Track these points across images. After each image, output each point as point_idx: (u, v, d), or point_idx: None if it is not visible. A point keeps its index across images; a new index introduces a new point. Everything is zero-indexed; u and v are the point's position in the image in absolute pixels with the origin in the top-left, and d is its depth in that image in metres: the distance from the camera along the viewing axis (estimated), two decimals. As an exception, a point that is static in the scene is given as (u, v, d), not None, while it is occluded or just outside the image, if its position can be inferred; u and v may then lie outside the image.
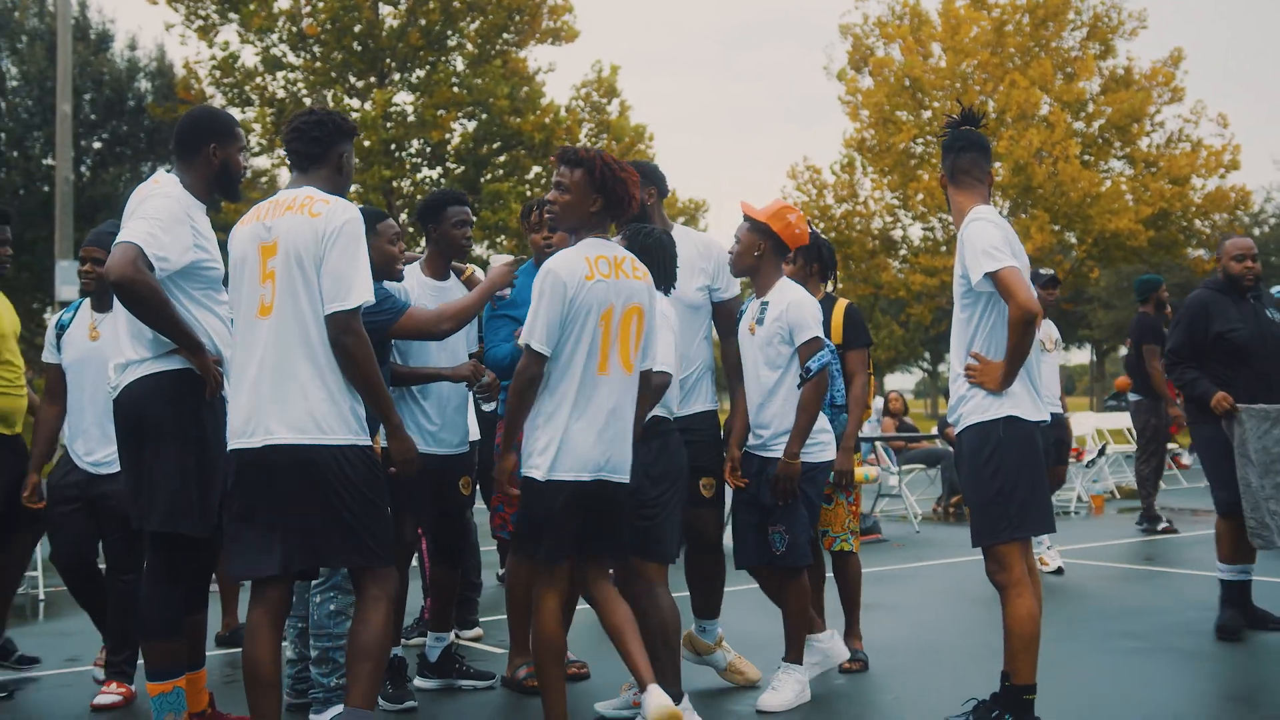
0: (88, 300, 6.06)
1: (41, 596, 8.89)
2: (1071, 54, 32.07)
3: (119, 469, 4.96)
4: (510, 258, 5.51)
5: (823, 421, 5.58)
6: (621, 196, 4.73)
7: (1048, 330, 9.07)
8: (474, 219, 6.10)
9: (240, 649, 6.86)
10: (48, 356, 6.19)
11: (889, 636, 6.68)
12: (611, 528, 4.74)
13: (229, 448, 4.34)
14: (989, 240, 4.71)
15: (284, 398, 4.23)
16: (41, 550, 9.03)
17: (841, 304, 6.26)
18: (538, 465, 4.61)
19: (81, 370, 5.98)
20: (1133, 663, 6.29)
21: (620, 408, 4.68)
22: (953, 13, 31.67)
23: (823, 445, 5.58)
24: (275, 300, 4.28)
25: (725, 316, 5.87)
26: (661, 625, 5.00)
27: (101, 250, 5.66)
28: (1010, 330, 4.71)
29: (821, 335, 5.46)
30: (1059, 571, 8.97)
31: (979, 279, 4.71)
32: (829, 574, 6.29)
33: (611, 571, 4.93)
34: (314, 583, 5.31)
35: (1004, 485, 4.73)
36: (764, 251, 5.57)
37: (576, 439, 4.59)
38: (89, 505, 5.93)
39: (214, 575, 6.12)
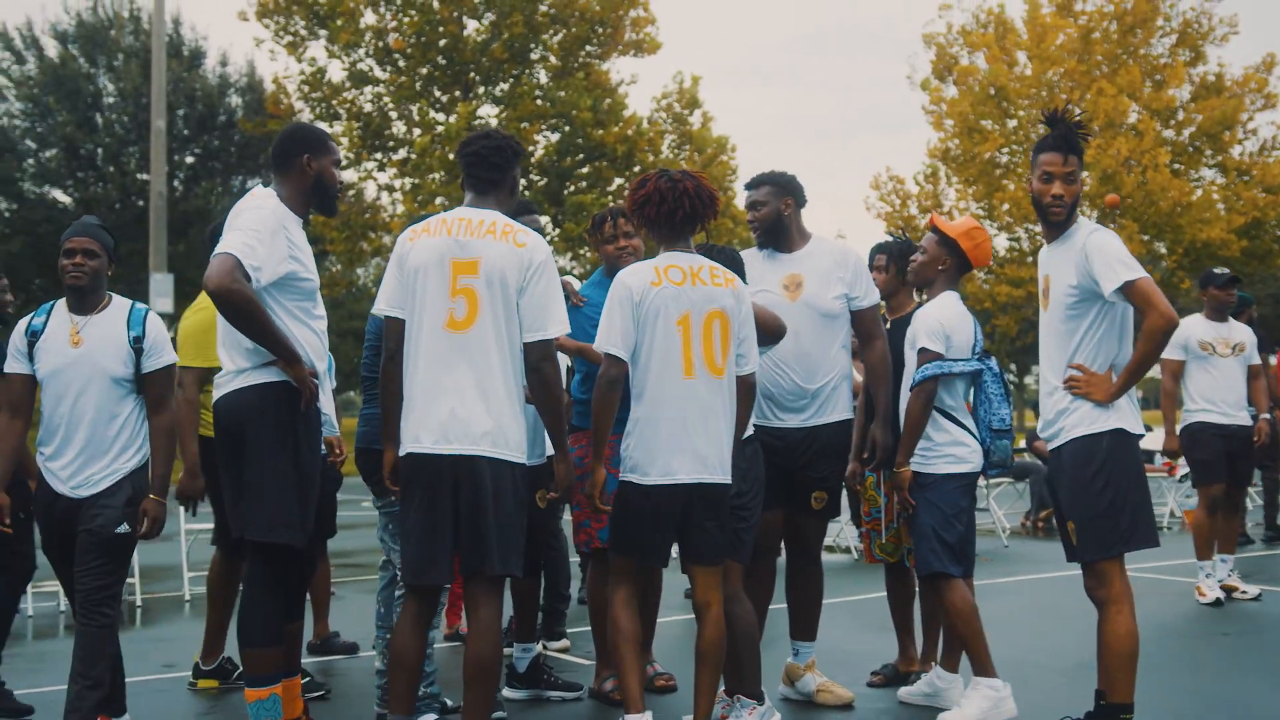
0: (62, 302, 5.33)
1: (139, 603, 9.07)
2: (1160, 61, 31.57)
3: (107, 485, 5.00)
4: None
5: (955, 434, 5.51)
6: (684, 209, 4.85)
7: (1226, 332, 8.73)
8: (540, 227, 6.17)
9: (332, 657, 7.03)
10: (11, 366, 5.26)
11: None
12: (712, 529, 4.80)
13: (414, 451, 4.52)
14: (1123, 249, 4.71)
15: (480, 412, 4.48)
16: (139, 556, 9.25)
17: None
18: (636, 470, 4.73)
19: (63, 380, 5.11)
20: (1229, 682, 6.19)
21: (712, 409, 4.74)
22: (1038, 20, 31.32)
23: (954, 458, 5.49)
24: (476, 318, 4.52)
25: (864, 324, 5.84)
26: (747, 627, 5.09)
27: (91, 241, 5.29)
28: (1146, 340, 4.69)
29: (932, 347, 5.43)
30: (1217, 603, 8.39)
31: (1114, 288, 4.65)
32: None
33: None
34: (380, 587, 5.41)
35: (1114, 499, 4.69)
36: (948, 267, 5.62)
37: (670, 442, 4.68)
38: (65, 540, 5.14)
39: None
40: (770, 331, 5.27)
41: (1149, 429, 14.72)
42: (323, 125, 28.87)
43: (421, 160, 26.71)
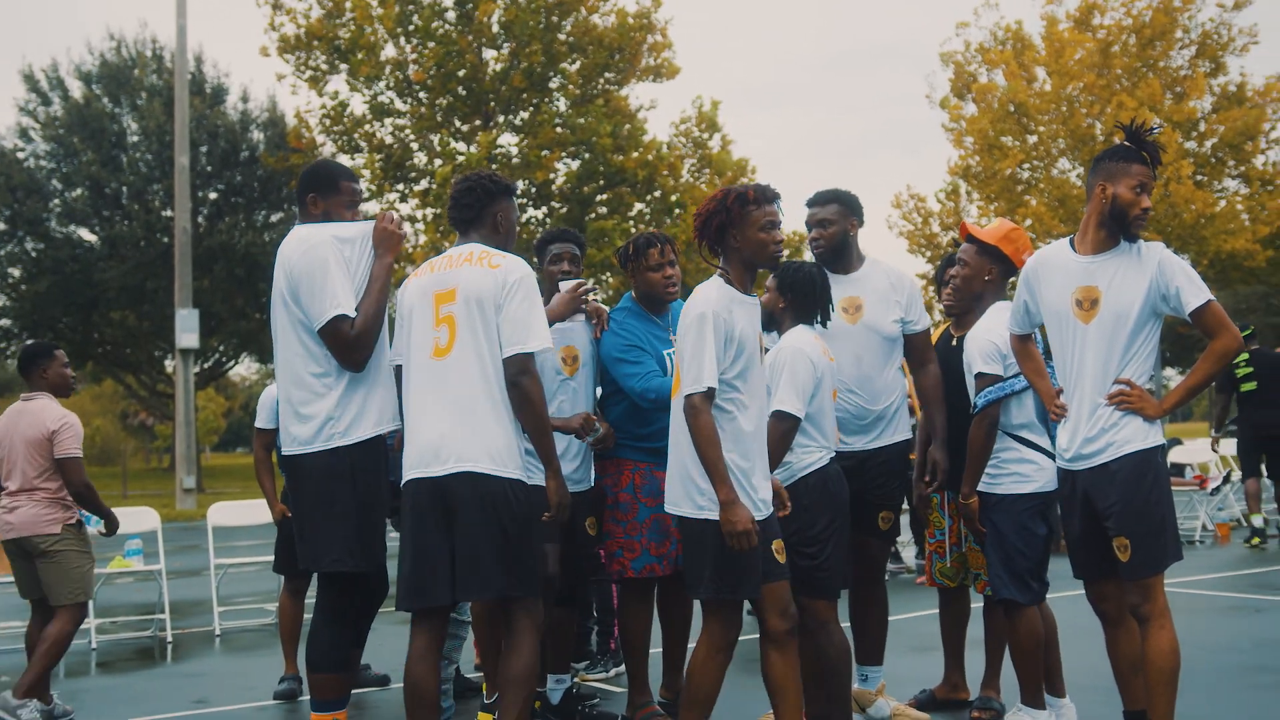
0: None
1: (169, 639, 9.09)
2: (1181, 73, 31.48)
3: None
4: (573, 282, 5.55)
5: (1022, 452, 5.40)
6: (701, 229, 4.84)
7: None
8: (577, 254, 6.11)
9: (364, 689, 7.02)
10: None
11: (1005, 675, 6.55)
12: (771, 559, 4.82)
13: (407, 478, 4.63)
14: (1194, 270, 4.70)
15: (466, 431, 4.55)
16: (170, 591, 9.27)
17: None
18: (753, 510, 4.61)
19: None
20: (1269, 698, 6.12)
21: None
22: (1056, 36, 31.28)
23: (1020, 477, 5.38)
24: (455, 342, 4.62)
25: (917, 348, 5.82)
26: (837, 659, 5.12)
27: None
28: (1215, 360, 4.67)
29: (989, 370, 5.33)
30: None
31: (1196, 306, 4.62)
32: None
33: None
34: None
35: (1165, 515, 4.67)
36: (994, 277, 5.59)
37: (750, 475, 4.66)
38: None
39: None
40: None
41: (1179, 442, 14.74)
42: (344, 158, 29.07)
43: (443, 190, 26.80)
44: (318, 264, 4.74)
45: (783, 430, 5.03)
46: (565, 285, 5.56)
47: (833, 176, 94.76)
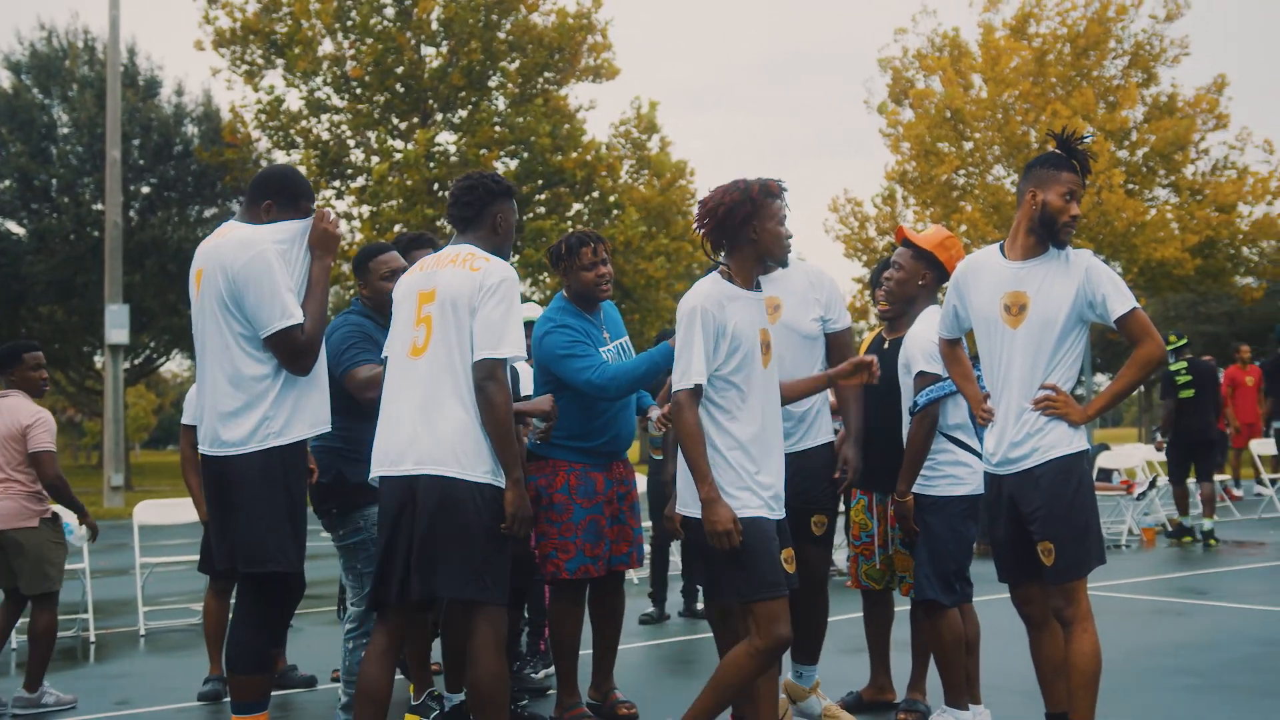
0: None
1: (93, 639, 8.95)
2: (1114, 82, 31.93)
3: None
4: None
5: (957, 454, 5.44)
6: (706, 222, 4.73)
7: None
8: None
9: (290, 690, 6.94)
10: None
11: (932, 677, 6.60)
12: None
13: (376, 474, 4.65)
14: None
15: (433, 432, 4.52)
16: (94, 591, 9.12)
17: None
18: (753, 504, 4.56)
19: None
20: (1189, 700, 6.20)
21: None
22: (993, 43, 31.61)
23: (955, 479, 5.43)
24: (430, 342, 4.60)
25: (838, 347, 5.69)
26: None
27: None
28: (1140, 367, 4.71)
29: (931, 369, 5.35)
30: None
31: (1122, 313, 4.66)
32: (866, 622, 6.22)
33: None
34: (346, 629, 5.32)
35: (1090, 518, 4.71)
36: (928, 282, 5.60)
37: (756, 474, 4.62)
38: None
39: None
40: None
41: (1106, 447, 14.98)
42: (280, 154, 28.82)
43: (379, 188, 26.66)
44: (264, 271, 4.67)
45: None
46: None
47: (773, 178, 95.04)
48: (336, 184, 28.93)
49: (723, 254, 4.74)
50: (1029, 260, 4.82)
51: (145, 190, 33.74)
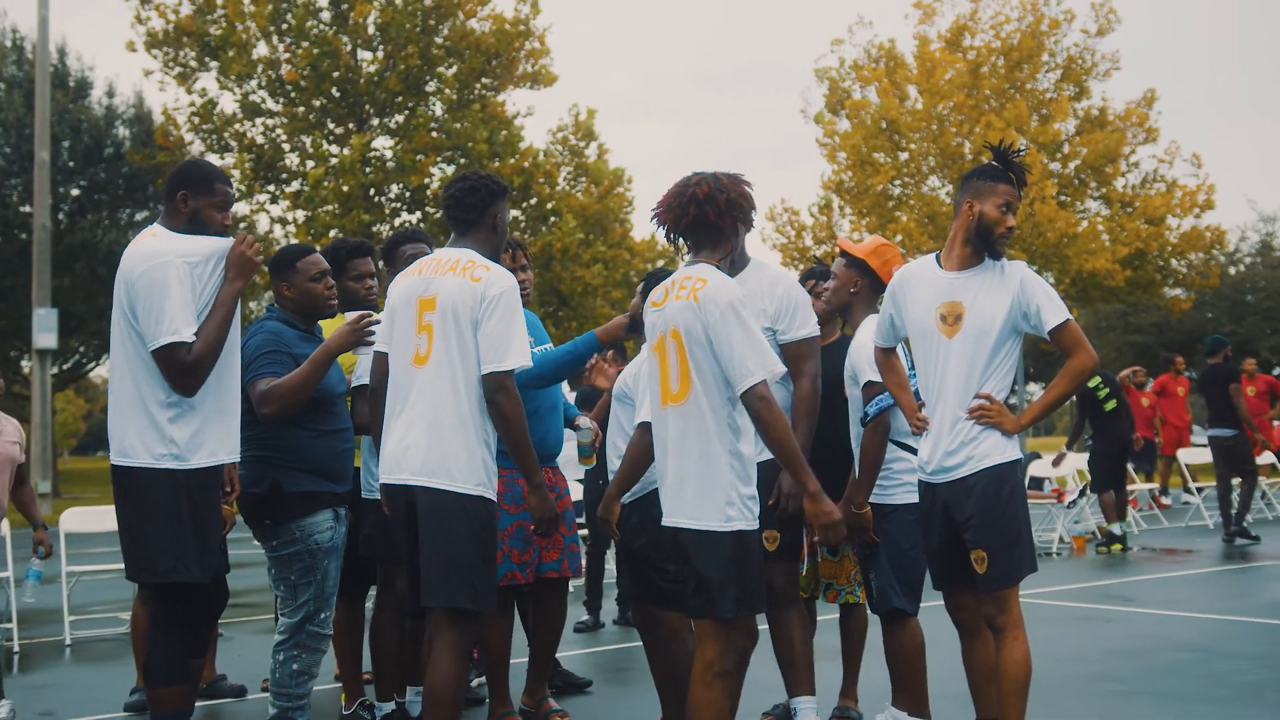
0: None
1: (16, 649, 8.78)
2: (1046, 95, 32.31)
3: None
4: (356, 314, 5.29)
5: (912, 461, 5.31)
6: (688, 216, 4.54)
7: None
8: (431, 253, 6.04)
9: (219, 700, 6.85)
10: None
11: (875, 686, 6.63)
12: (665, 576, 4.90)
13: (381, 481, 4.77)
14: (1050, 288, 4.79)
15: (428, 444, 4.60)
16: (17, 600, 8.95)
17: None
18: (748, 516, 4.44)
19: None
20: (1117, 706, 6.27)
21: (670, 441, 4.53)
22: (928, 55, 31.89)
23: (912, 486, 5.28)
24: (432, 352, 4.64)
25: (789, 359, 5.25)
26: (689, 668, 4.94)
27: None
28: (1070, 379, 4.75)
29: (877, 378, 5.24)
30: None
31: (1055, 324, 4.71)
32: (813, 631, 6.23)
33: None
34: (276, 640, 5.24)
35: (1022, 527, 4.75)
36: (860, 289, 5.58)
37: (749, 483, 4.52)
38: None
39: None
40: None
41: (1038, 456, 15.19)
42: (213, 157, 28.50)
43: (315, 193, 26.43)
44: (159, 284, 4.61)
45: (647, 442, 5.02)
46: (350, 316, 5.33)
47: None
48: (271, 188, 28.65)
49: (703, 250, 4.54)
50: (965, 271, 4.86)
51: (75, 193, 33.21)
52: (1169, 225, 31.82)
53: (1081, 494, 14.02)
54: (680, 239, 4.62)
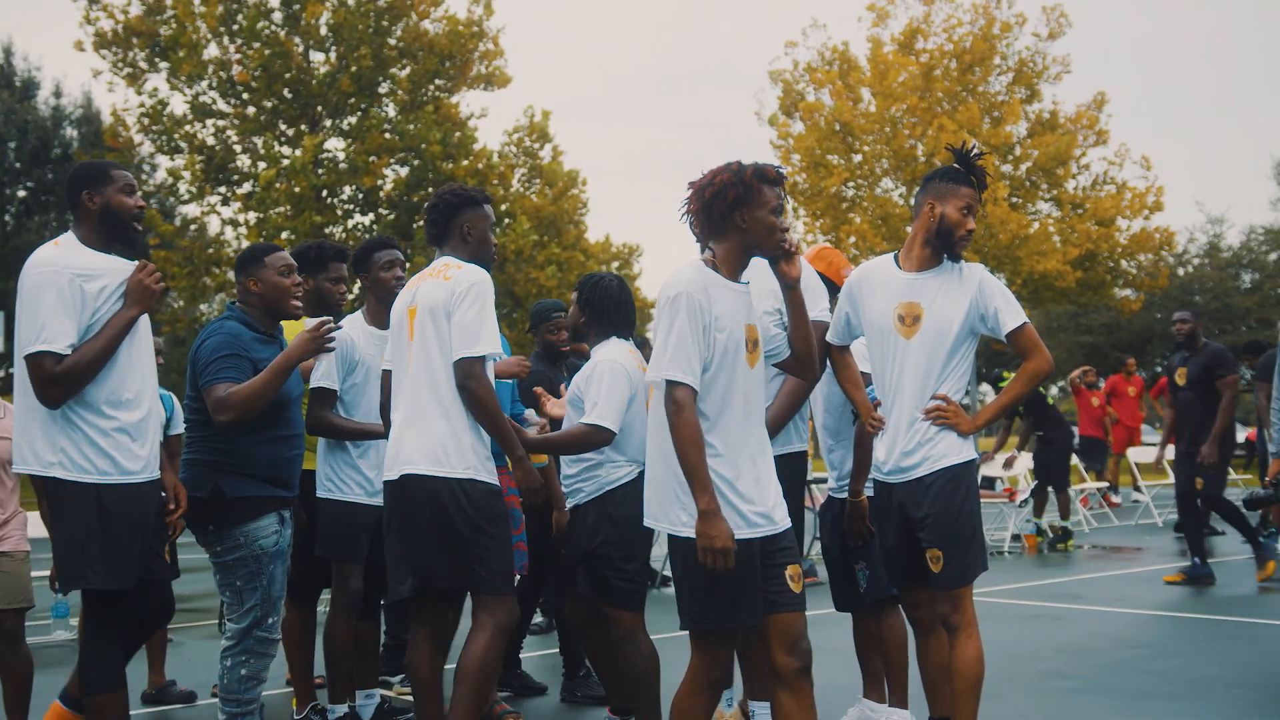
0: None
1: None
2: (998, 98, 32.52)
3: None
4: (317, 321, 5.22)
5: None
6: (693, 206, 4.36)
7: None
8: (404, 260, 6.03)
9: (168, 706, 6.77)
10: None
11: (836, 680, 6.63)
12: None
13: (384, 481, 4.90)
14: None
15: (415, 435, 4.76)
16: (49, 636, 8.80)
17: None
18: (733, 522, 4.09)
19: None
20: (1068, 703, 6.31)
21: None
22: (881, 58, 32.03)
23: None
24: (412, 353, 4.85)
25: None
26: (644, 667, 5.20)
27: None
28: (1026, 382, 4.83)
29: (867, 370, 5.20)
30: None
31: (1012, 327, 4.74)
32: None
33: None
34: (224, 646, 5.17)
35: (976, 527, 4.78)
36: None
37: (735, 483, 4.19)
38: None
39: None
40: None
41: (990, 456, 15.25)
42: (164, 159, 28.24)
43: (266, 194, 26.20)
44: (34, 291, 4.55)
45: (595, 443, 5.10)
46: (309, 323, 5.27)
47: (664, 189, 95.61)
48: (222, 190, 28.38)
49: (710, 241, 4.34)
50: (924, 272, 4.88)
51: (21, 194, 32.84)
52: (1119, 227, 32.10)
53: (1033, 493, 14.13)
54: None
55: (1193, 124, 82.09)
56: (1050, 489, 13.98)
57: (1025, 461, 14.85)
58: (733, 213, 4.21)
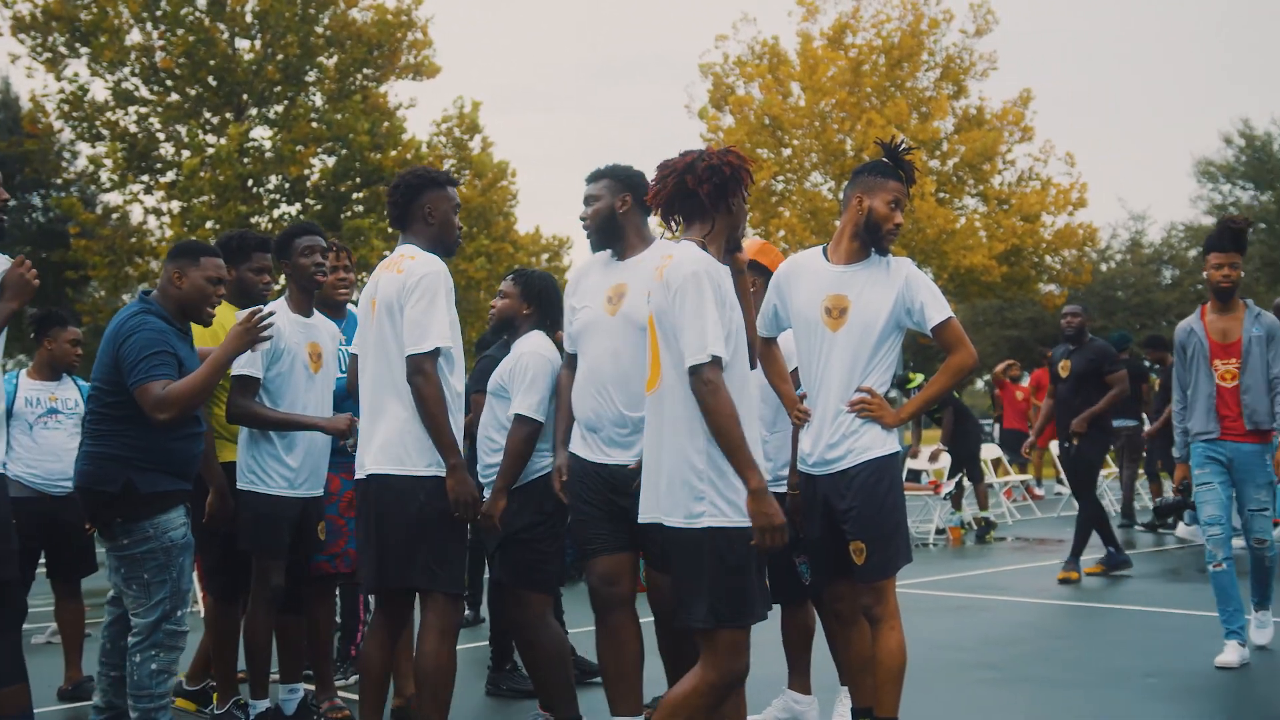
0: None
1: None
2: (926, 94, 32.79)
3: None
4: (246, 312, 5.14)
5: None
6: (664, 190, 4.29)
7: None
8: (325, 247, 5.94)
9: (85, 703, 6.65)
10: None
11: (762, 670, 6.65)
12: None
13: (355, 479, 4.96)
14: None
15: (375, 432, 4.80)
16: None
17: None
18: (723, 511, 4.05)
19: None
20: (990, 692, 6.38)
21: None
22: (810, 53, 32.17)
23: None
24: (372, 345, 4.87)
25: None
26: (554, 650, 5.23)
27: None
28: (950, 376, 4.88)
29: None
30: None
31: (938, 322, 4.78)
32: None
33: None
34: (131, 641, 5.07)
35: (899, 519, 4.81)
36: (759, 288, 5.45)
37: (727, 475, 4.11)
38: None
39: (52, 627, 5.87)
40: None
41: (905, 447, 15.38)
42: (84, 146, 27.75)
43: (190, 183, 25.82)
44: None
45: (524, 434, 5.13)
46: (240, 315, 5.16)
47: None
48: (145, 178, 27.91)
49: (691, 225, 4.25)
50: (852, 265, 4.90)
51: (-62, 181, 32.10)
52: (1043, 222, 32.50)
53: (958, 486, 14.27)
54: (669, 218, 4.34)
55: (1116, 122, 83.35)
56: (967, 481, 14.17)
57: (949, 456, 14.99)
58: (730, 195, 4.22)
